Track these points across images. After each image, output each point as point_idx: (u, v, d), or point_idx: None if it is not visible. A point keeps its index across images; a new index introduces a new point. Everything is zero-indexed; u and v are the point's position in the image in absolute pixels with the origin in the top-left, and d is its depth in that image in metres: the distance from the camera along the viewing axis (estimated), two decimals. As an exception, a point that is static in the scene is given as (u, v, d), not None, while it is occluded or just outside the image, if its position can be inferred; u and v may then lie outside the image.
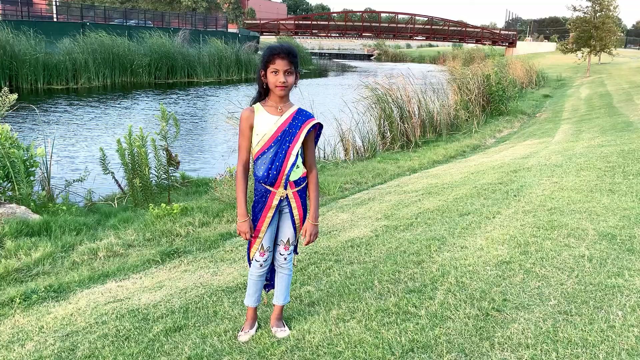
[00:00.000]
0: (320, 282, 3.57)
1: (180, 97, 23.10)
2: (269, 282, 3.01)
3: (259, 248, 2.75)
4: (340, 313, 3.02)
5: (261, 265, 2.78)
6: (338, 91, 23.04)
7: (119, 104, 20.22)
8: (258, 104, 2.69)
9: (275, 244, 2.83)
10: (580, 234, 3.97)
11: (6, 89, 6.61)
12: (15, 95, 6.48)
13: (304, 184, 2.75)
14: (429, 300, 3.08)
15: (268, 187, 2.67)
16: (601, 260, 3.47)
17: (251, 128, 2.66)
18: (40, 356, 2.86)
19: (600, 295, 2.98)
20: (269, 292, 3.09)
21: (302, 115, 2.69)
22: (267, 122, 2.63)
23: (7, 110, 6.74)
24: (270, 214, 2.70)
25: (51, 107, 18.31)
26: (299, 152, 2.68)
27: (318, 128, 2.76)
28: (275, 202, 2.68)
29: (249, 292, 2.87)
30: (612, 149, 7.32)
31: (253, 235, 2.72)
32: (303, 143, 2.71)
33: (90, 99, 21.02)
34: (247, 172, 2.73)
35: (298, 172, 2.71)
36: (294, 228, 2.77)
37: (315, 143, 2.81)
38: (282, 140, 2.63)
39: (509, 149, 9.84)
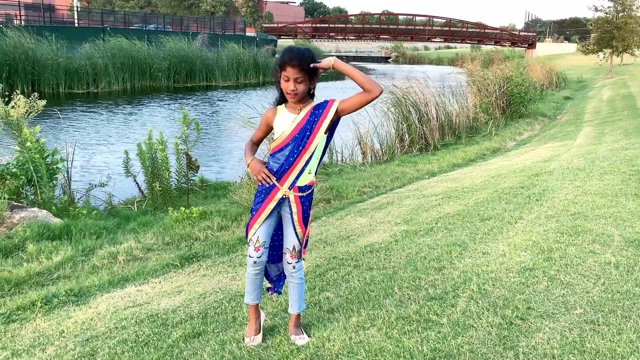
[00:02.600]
0: (339, 288, 3.54)
1: (199, 101, 23.24)
2: (272, 285, 3.01)
3: (255, 242, 2.71)
4: (360, 320, 2.98)
5: (255, 262, 2.72)
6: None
7: (138, 107, 20.42)
8: (283, 105, 2.74)
9: (282, 252, 2.85)
10: (606, 240, 3.87)
11: (36, 94, 6.67)
12: (43, 102, 6.53)
13: (309, 192, 2.75)
14: (450, 307, 3.02)
15: (274, 182, 2.69)
16: (628, 267, 3.38)
17: (267, 125, 2.77)
18: (60, 361, 2.87)
19: (629, 304, 2.90)
20: (272, 295, 3.13)
21: (319, 108, 2.70)
22: (286, 121, 2.69)
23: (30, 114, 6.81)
24: (270, 206, 2.71)
25: (72, 111, 18.55)
26: (313, 154, 2.68)
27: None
28: (277, 196, 2.70)
29: (248, 289, 2.83)
30: (636, 152, 7.16)
31: (269, 181, 2.69)
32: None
33: (111, 103, 21.27)
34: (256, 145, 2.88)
35: (306, 178, 2.72)
36: (296, 235, 2.75)
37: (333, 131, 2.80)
38: (300, 136, 2.66)
39: (530, 152, 9.70)
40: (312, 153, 2.68)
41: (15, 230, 5.31)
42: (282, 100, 2.73)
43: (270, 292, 3.07)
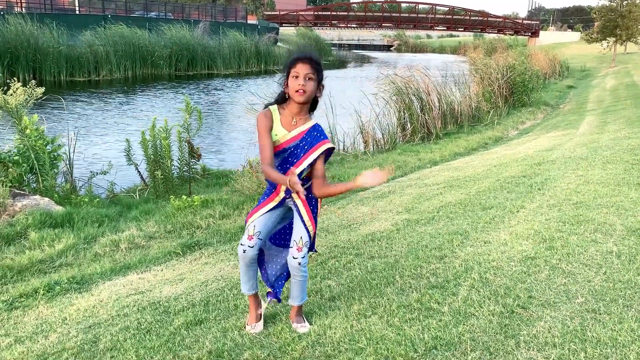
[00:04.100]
0: (340, 276, 3.54)
1: (200, 89, 23.18)
2: (271, 289, 2.92)
3: (250, 230, 2.68)
4: (361, 308, 2.99)
5: (244, 251, 2.67)
6: (357, 83, 22.90)
7: (139, 95, 20.38)
8: (275, 106, 2.67)
9: (288, 246, 2.78)
10: (608, 229, 3.87)
11: (34, 81, 6.66)
12: (42, 89, 6.51)
13: (308, 184, 2.72)
14: (452, 296, 3.03)
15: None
16: (630, 256, 3.37)
17: (270, 128, 2.63)
18: (63, 348, 2.89)
19: (630, 293, 2.90)
20: (270, 302, 2.99)
21: (311, 137, 2.65)
22: (278, 133, 2.65)
23: (30, 102, 6.80)
24: (272, 203, 2.73)
25: (74, 100, 18.52)
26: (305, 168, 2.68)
27: (327, 152, 2.69)
28: (279, 197, 2.72)
29: (242, 280, 2.81)
30: (639, 141, 7.13)
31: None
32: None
33: (112, 91, 21.22)
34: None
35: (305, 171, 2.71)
36: (306, 229, 2.71)
37: (326, 160, 2.75)
38: (290, 153, 2.64)
39: (532, 141, 9.68)
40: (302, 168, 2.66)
41: (18, 218, 5.32)
42: (281, 101, 2.66)
43: (269, 298, 2.97)
